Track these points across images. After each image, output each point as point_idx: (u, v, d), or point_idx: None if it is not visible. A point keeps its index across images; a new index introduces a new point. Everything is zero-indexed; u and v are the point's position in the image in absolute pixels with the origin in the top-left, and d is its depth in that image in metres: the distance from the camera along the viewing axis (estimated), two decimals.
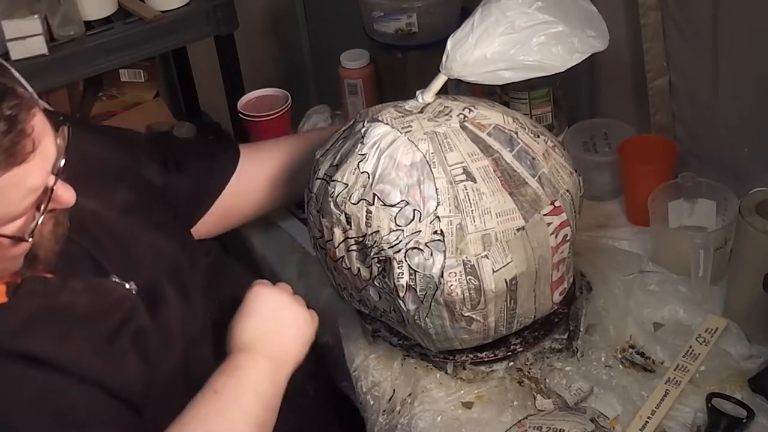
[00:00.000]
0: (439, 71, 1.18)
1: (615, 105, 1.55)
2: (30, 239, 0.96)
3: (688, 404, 1.12)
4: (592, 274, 1.29)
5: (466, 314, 1.10)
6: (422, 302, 1.09)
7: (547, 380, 1.18)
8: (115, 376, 1.01)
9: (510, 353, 1.20)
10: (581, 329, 1.22)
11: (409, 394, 1.18)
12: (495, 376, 1.20)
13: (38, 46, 1.75)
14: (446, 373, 1.20)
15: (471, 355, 1.19)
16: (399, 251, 1.08)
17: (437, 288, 1.08)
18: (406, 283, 1.09)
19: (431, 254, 1.07)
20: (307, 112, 1.76)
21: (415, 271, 1.08)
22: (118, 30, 1.87)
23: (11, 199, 0.92)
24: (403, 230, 1.08)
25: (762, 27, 1.23)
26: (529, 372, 1.20)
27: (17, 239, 0.95)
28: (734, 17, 1.26)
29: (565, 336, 1.23)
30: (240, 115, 1.65)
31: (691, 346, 1.17)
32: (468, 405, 1.16)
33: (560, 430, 1.07)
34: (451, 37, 1.17)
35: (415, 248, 1.08)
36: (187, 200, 1.31)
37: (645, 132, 1.47)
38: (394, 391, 1.20)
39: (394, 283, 1.09)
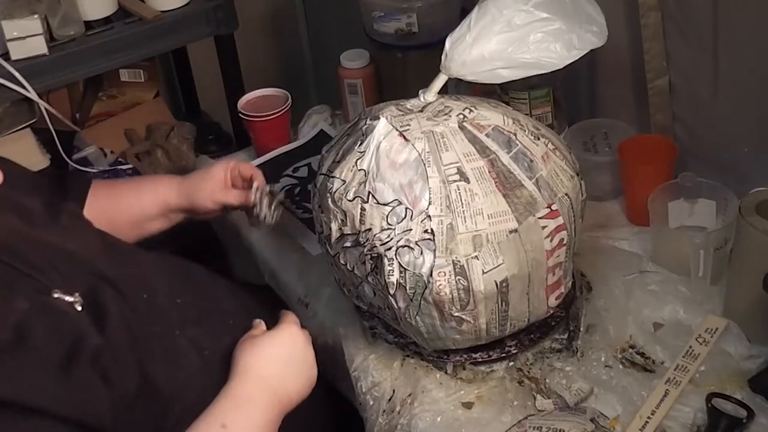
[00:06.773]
0: (440, 71, 1.18)
1: (615, 105, 1.55)
2: None
3: (688, 404, 1.12)
4: (592, 274, 1.29)
5: (456, 314, 1.09)
6: (412, 300, 1.09)
7: (547, 380, 1.18)
8: (80, 404, 0.90)
9: (504, 355, 1.20)
10: (581, 329, 1.22)
11: (409, 395, 1.18)
12: (495, 376, 1.20)
13: (38, 46, 1.75)
14: (446, 373, 1.20)
15: (465, 356, 1.19)
16: (390, 249, 1.08)
17: (426, 287, 1.07)
18: (396, 280, 1.09)
19: (421, 253, 1.07)
20: (307, 112, 1.76)
21: (405, 269, 1.08)
22: (118, 30, 1.86)
23: None
24: (394, 228, 1.08)
25: (762, 27, 1.23)
26: (529, 372, 1.20)
27: None
28: (734, 17, 1.26)
29: (565, 336, 1.23)
30: (240, 115, 1.65)
31: (691, 346, 1.17)
32: (468, 405, 1.16)
33: (560, 430, 1.07)
34: (449, 36, 1.17)
35: (405, 246, 1.08)
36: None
37: (645, 132, 1.47)
38: (393, 391, 1.20)
39: (385, 281, 1.09)
